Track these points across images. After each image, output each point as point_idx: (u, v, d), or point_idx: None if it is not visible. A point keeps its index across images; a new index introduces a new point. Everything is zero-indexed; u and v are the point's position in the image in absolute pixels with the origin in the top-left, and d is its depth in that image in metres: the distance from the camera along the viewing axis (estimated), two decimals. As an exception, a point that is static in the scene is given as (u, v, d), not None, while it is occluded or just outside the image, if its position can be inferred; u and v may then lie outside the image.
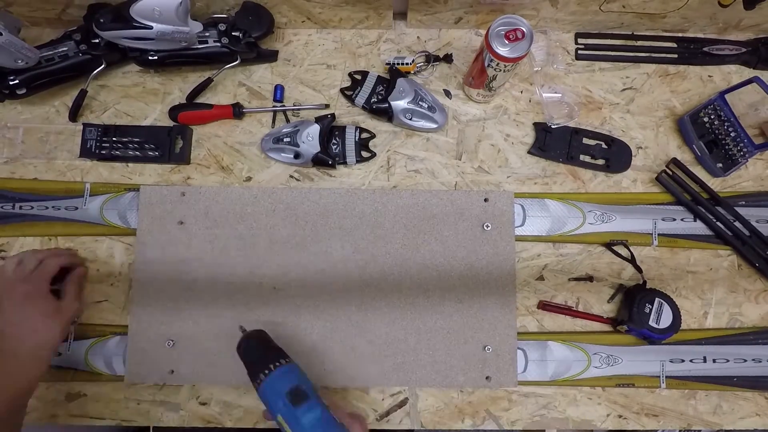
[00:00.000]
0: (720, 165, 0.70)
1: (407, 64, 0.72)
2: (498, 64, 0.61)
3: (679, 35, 0.76)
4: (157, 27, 0.63)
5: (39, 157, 0.71)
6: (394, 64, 0.72)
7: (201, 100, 0.73)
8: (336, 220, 0.69)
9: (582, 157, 0.72)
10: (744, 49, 0.74)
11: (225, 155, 0.72)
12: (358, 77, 0.73)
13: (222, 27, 0.68)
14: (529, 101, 0.74)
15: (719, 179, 0.72)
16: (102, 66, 0.69)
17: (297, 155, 0.69)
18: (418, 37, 0.76)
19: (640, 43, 0.76)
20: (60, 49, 0.67)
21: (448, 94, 0.74)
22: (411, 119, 0.70)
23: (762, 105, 0.73)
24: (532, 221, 0.70)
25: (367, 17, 0.72)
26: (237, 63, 0.71)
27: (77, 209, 0.69)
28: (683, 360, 0.67)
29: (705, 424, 0.67)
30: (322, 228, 0.69)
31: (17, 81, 0.66)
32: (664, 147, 0.73)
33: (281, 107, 0.72)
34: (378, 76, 0.72)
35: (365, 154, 0.71)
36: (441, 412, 0.66)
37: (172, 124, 0.72)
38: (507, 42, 0.60)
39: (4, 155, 0.71)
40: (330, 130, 0.70)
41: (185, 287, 0.67)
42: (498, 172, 0.72)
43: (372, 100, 0.71)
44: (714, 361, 0.67)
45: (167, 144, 0.70)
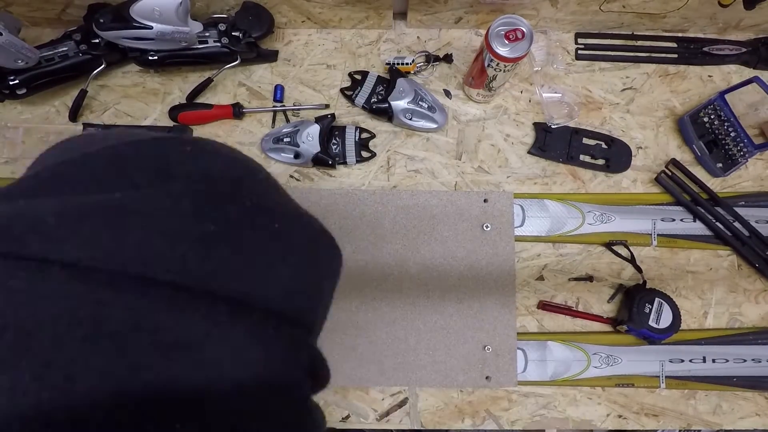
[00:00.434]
0: (720, 165, 0.70)
1: (407, 64, 0.72)
2: (498, 64, 0.61)
3: (679, 35, 0.76)
4: (157, 27, 0.63)
5: (39, 157, 0.71)
6: (394, 64, 0.72)
7: (201, 100, 0.73)
8: (336, 220, 0.69)
9: (582, 157, 0.72)
10: (744, 49, 0.74)
11: (225, 155, 0.72)
12: (358, 77, 0.73)
13: (222, 27, 0.68)
14: (529, 101, 0.74)
15: (719, 179, 0.72)
16: (102, 66, 0.69)
17: (297, 155, 0.69)
18: (418, 37, 0.76)
19: (640, 43, 0.76)
20: (60, 49, 0.67)
21: (448, 94, 0.74)
22: (411, 119, 0.70)
23: (762, 105, 0.73)
24: (531, 222, 0.70)
25: (367, 17, 0.72)
26: (237, 63, 0.71)
27: (77, 209, 0.69)
28: (683, 360, 0.67)
29: (705, 424, 0.67)
30: (322, 228, 0.69)
31: (17, 81, 0.66)
32: (664, 147, 0.73)
33: (281, 107, 0.72)
34: (378, 76, 0.72)
35: (365, 154, 0.71)
36: (441, 411, 0.66)
37: (172, 124, 0.71)
38: (507, 42, 0.60)
39: (4, 155, 0.71)
40: (330, 130, 0.70)
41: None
42: (498, 172, 0.72)
43: (372, 100, 0.71)
44: (714, 361, 0.67)
45: (167, 144, 0.70)
